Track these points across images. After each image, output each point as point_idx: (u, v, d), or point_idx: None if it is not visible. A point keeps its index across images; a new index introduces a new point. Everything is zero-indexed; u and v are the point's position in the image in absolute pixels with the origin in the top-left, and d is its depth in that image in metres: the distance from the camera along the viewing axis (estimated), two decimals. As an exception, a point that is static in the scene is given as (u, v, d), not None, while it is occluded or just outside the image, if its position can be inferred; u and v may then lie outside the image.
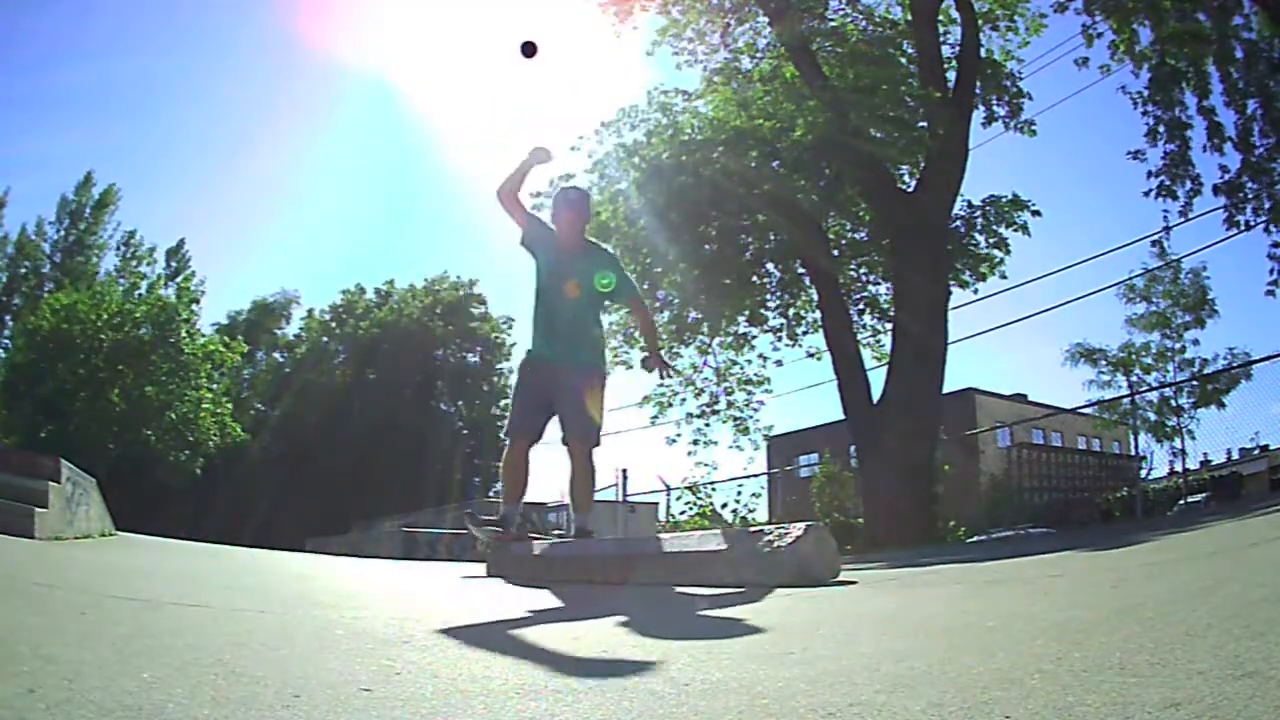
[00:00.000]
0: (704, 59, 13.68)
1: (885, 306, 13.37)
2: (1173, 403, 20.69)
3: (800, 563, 3.22)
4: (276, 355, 44.81)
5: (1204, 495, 16.50)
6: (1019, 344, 60.01)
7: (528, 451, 4.43)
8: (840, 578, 3.39)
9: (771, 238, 12.80)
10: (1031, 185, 52.26)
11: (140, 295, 28.24)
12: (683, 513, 13.62)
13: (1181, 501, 15.66)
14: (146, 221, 62.33)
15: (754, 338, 13.88)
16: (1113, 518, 15.81)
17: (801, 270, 13.31)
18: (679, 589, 3.31)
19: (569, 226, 4.36)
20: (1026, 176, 54.66)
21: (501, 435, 4.64)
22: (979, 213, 12.55)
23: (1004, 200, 12.41)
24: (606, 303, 4.84)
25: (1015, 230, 12.35)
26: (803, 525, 3.37)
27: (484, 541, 4.63)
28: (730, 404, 13.72)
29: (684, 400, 13.79)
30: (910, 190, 12.31)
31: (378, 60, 56.53)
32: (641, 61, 21.23)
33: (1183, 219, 11.80)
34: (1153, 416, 20.30)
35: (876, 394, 11.71)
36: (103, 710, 1.12)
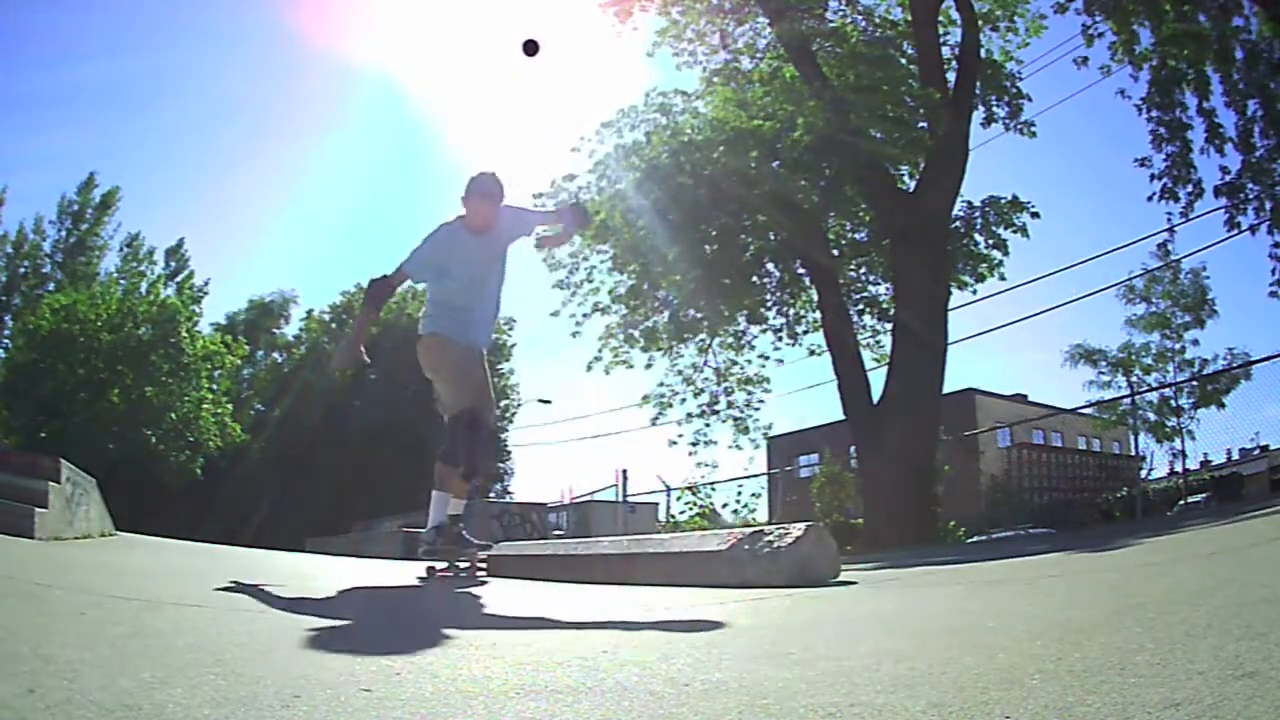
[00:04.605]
0: (704, 60, 13.73)
1: (885, 306, 13.38)
2: (1173, 403, 20.67)
3: (800, 563, 3.23)
4: (276, 355, 44.73)
5: (1204, 495, 16.50)
6: (1019, 344, 60.00)
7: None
8: (840, 578, 3.40)
9: (771, 237, 12.82)
10: (1031, 186, 52.29)
11: (140, 295, 28.22)
12: (682, 513, 13.64)
13: (1182, 501, 15.66)
14: (145, 220, 62.29)
15: (754, 337, 13.90)
16: (1113, 518, 15.79)
17: (801, 270, 13.33)
18: (679, 589, 3.31)
19: (478, 215, 4.26)
20: (1026, 177, 54.66)
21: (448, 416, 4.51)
22: (978, 213, 12.56)
23: (1003, 201, 12.43)
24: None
25: (1014, 231, 12.39)
26: (803, 525, 3.38)
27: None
28: (730, 404, 13.74)
29: (684, 400, 13.81)
30: (910, 190, 12.32)
31: (379, 59, 56.48)
32: (642, 62, 21.28)
33: (1184, 219, 11.81)
34: (1153, 417, 20.29)
35: (876, 394, 11.72)
36: (103, 710, 1.12)
